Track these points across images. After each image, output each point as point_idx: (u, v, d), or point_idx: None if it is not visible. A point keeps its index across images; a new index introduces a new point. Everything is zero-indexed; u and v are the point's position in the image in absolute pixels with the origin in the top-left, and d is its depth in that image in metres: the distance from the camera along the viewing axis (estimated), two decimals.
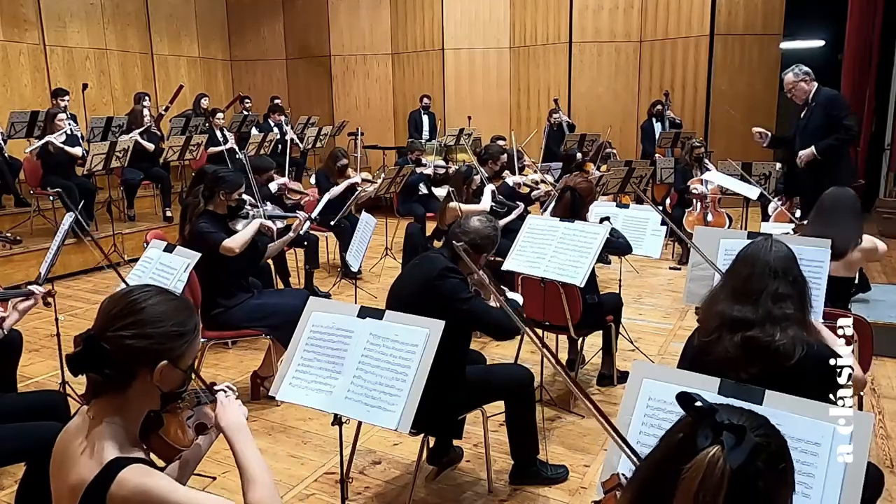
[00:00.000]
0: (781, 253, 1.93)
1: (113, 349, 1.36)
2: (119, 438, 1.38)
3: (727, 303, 1.89)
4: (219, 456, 3.14)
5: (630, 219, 4.26)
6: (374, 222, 4.92)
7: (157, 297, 1.43)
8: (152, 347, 1.38)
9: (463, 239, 2.67)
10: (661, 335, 4.80)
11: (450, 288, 2.56)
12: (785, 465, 0.98)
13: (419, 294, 2.55)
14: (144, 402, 1.45)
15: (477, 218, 2.76)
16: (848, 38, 8.04)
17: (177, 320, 1.42)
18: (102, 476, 1.31)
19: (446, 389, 2.49)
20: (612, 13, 10.50)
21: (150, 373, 1.39)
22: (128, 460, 1.34)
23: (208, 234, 3.58)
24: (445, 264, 2.62)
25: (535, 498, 2.87)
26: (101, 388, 1.41)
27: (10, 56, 8.93)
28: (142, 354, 1.38)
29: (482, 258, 2.75)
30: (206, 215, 3.66)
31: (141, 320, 1.38)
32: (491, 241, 2.74)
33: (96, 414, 1.40)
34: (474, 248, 2.69)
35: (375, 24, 11.99)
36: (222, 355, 4.49)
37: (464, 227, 2.72)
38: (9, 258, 5.99)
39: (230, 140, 8.55)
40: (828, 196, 3.29)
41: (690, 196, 6.61)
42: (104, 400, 1.41)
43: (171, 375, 1.43)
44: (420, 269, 2.70)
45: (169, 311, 1.42)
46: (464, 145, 9.25)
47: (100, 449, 1.35)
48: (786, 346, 1.79)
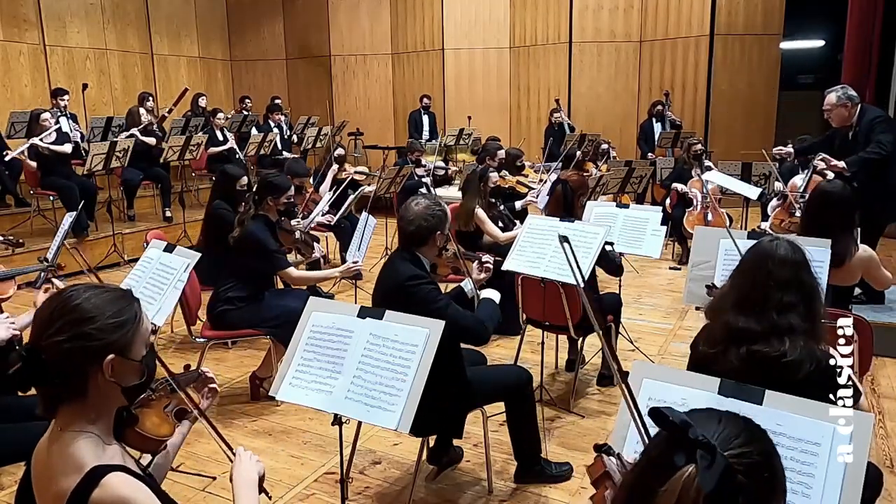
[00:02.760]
0: (788, 258, 1.86)
1: (52, 357, 1.30)
2: (93, 445, 1.34)
3: (732, 313, 1.85)
4: (219, 456, 3.14)
5: (630, 219, 4.26)
6: (374, 223, 4.92)
7: (88, 293, 1.37)
8: (91, 345, 1.31)
9: (410, 228, 2.64)
10: (661, 335, 4.80)
11: (419, 297, 2.51)
12: (769, 473, 0.93)
13: (387, 302, 2.50)
14: (108, 401, 1.39)
15: (415, 202, 2.69)
16: (848, 38, 8.04)
17: (112, 311, 1.35)
18: (85, 483, 1.29)
19: (447, 390, 2.49)
20: (612, 13, 10.50)
21: (100, 370, 1.33)
22: (109, 468, 1.32)
23: (272, 253, 3.67)
24: (408, 273, 2.57)
25: (535, 498, 2.87)
26: (56, 398, 1.36)
27: (10, 56, 8.93)
28: (84, 354, 1.31)
29: (439, 237, 2.68)
30: (259, 220, 3.70)
31: (74, 320, 1.32)
32: (438, 219, 2.66)
33: (63, 425, 1.35)
34: (425, 231, 2.64)
35: (375, 24, 11.99)
36: (222, 355, 4.49)
37: (406, 217, 2.66)
38: (9, 258, 5.99)
39: (230, 140, 8.55)
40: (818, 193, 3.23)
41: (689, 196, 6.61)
42: (67, 409, 1.36)
43: (125, 368, 1.36)
44: (384, 277, 2.68)
45: (102, 304, 1.35)
46: (464, 145, 9.26)
47: (77, 459, 1.32)
48: (794, 361, 1.74)
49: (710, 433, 0.91)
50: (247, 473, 1.57)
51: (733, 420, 0.96)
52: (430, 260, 2.72)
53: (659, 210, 4.35)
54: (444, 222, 2.69)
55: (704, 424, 0.93)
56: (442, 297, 2.59)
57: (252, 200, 3.77)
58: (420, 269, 2.63)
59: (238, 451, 1.63)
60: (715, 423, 0.94)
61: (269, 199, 3.74)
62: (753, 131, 9.81)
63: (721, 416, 0.96)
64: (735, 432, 0.93)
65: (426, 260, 2.69)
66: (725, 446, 0.90)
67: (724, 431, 0.93)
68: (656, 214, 4.25)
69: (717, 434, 0.92)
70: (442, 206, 2.72)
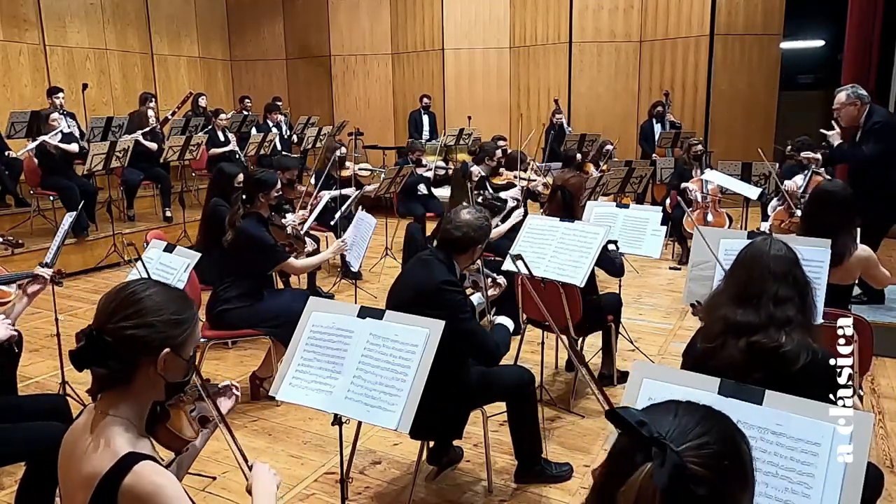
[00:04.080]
0: (781, 254, 1.91)
1: (115, 341, 1.38)
2: (128, 432, 1.40)
3: (729, 307, 1.88)
4: (219, 456, 3.14)
5: (630, 219, 4.26)
6: (374, 222, 4.92)
7: (154, 289, 1.46)
8: (154, 336, 1.40)
9: (456, 233, 2.64)
10: (661, 335, 4.80)
11: (451, 304, 2.52)
12: (730, 460, 0.91)
13: (417, 302, 2.49)
14: (150, 393, 1.47)
15: (466, 210, 2.71)
16: (848, 38, 8.03)
17: (175, 309, 1.45)
18: (117, 468, 1.33)
19: (449, 390, 2.49)
20: (612, 13, 10.50)
21: (153, 362, 1.41)
22: (141, 456, 1.36)
23: (270, 249, 3.69)
24: (444, 277, 2.57)
25: (535, 498, 2.87)
26: (106, 382, 1.43)
27: (10, 56, 8.94)
28: (144, 343, 1.40)
29: (477, 250, 2.71)
30: (252, 217, 3.71)
31: (140, 310, 1.41)
32: (484, 233, 2.69)
33: (103, 409, 1.42)
34: (469, 241, 2.65)
35: (375, 24, 11.99)
36: (222, 355, 4.49)
37: (455, 222, 2.66)
38: (9, 258, 5.98)
39: (232, 141, 8.55)
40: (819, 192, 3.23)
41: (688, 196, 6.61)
42: (110, 394, 1.43)
43: (175, 364, 1.45)
44: (417, 274, 2.66)
45: (166, 301, 1.45)
46: (464, 145, 9.26)
47: (112, 443, 1.37)
48: (790, 352, 1.77)
49: (666, 428, 0.91)
50: (266, 487, 1.59)
51: (690, 411, 0.95)
52: (461, 269, 2.73)
53: (659, 210, 4.35)
54: (487, 237, 2.73)
55: (661, 419, 0.93)
56: (470, 310, 2.60)
57: (241, 199, 3.77)
58: (454, 275, 2.64)
59: (255, 463, 1.65)
60: (671, 417, 0.94)
61: (259, 196, 3.75)
62: (753, 131, 9.82)
63: (678, 409, 0.96)
64: (691, 423, 0.93)
65: (458, 269, 2.70)
66: (682, 439, 0.90)
67: (680, 424, 0.92)
68: (656, 214, 4.25)
69: (673, 428, 0.92)
70: (489, 221, 2.75)
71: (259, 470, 1.63)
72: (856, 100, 4.62)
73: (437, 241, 2.77)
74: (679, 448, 0.89)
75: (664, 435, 0.89)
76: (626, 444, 0.92)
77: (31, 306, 2.91)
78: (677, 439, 0.90)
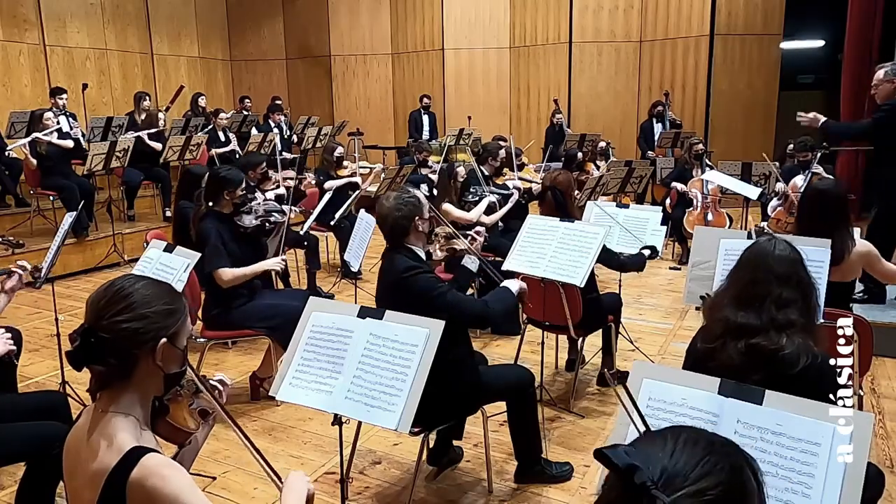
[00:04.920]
0: (785, 255, 1.89)
1: (112, 336, 1.39)
2: (133, 428, 1.41)
3: (731, 309, 1.87)
4: (219, 456, 3.14)
5: (630, 219, 4.26)
6: (374, 222, 4.92)
7: (141, 282, 1.48)
8: (149, 327, 1.42)
9: (387, 224, 2.64)
10: (661, 335, 4.80)
11: (422, 284, 2.53)
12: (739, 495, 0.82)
13: (394, 299, 2.50)
14: (149, 387, 1.48)
15: (384, 198, 2.69)
16: (848, 38, 8.04)
17: (166, 299, 1.47)
18: (124, 462, 1.34)
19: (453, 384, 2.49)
20: (612, 13, 10.50)
21: (151, 354, 1.42)
22: (147, 449, 1.37)
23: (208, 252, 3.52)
24: (404, 265, 2.58)
25: (535, 498, 2.87)
26: (105, 379, 1.44)
27: (10, 56, 8.94)
28: (141, 335, 1.41)
29: (420, 222, 2.66)
30: (210, 217, 3.66)
31: (132, 304, 1.42)
32: (411, 205, 2.64)
33: (104, 407, 1.43)
34: (402, 221, 2.62)
35: (375, 24, 11.99)
36: (222, 355, 4.49)
37: (380, 215, 2.66)
38: (9, 258, 5.99)
39: (233, 141, 8.55)
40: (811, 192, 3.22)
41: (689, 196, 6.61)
42: (110, 391, 1.44)
43: (172, 354, 1.46)
44: (385, 273, 2.69)
45: (156, 293, 1.46)
46: (464, 145, 9.26)
47: (116, 438, 1.38)
48: (790, 355, 1.77)
49: (660, 469, 0.80)
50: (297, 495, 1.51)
51: (691, 445, 0.83)
52: (422, 248, 2.72)
53: (659, 210, 4.35)
54: (419, 207, 2.67)
55: (654, 457, 0.82)
56: (442, 283, 2.60)
57: (204, 197, 3.70)
58: (416, 260, 2.63)
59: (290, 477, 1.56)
60: (668, 456, 0.82)
61: (224, 194, 3.68)
62: (753, 131, 9.82)
63: (676, 443, 0.84)
64: (691, 462, 0.81)
65: (419, 249, 2.69)
66: (679, 484, 0.79)
67: (678, 463, 0.81)
68: (656, 214, 4.26)
69: (668, 469, 0.80)
70: (412, 193, 2.70)
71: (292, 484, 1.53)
72: (893, 77, 4.67)
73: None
74: (674, 495, 0.78)
75: (658, 480, 0.79)
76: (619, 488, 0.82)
77: (31, 307, 2.90)
78: (671, 485, 0.79)
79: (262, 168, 5.48)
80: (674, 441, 0.84)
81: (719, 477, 0.80)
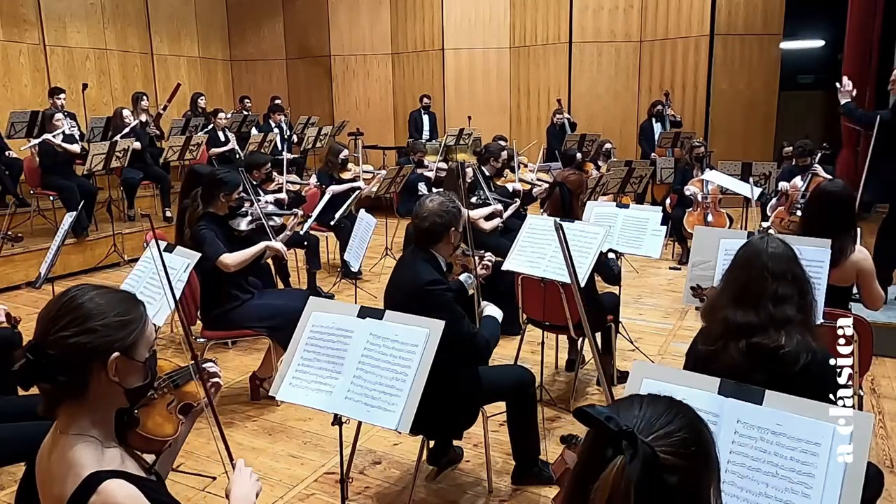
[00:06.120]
0: (779, 251, 1.90)
1: (58, 353, 1.30)
2: (91, 450, 1.34)
3: (729, 309, 1.88)
4: (218, 456, 3.14)
5: (630, 219, 4.26)
6: (374, 222, 4.92)
7: (93, 293, 1.38)
8: (98, 341, 1.32)
9: (424, 224, 2.61)
10: (661, 335, 4.80)
11: (439, 306, 2.47)
12: (696, 446, 0.94)
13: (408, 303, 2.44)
14: (109, 402, 1.39)
15: (429, 199, 2.66)
16: (848, 38, 8.04)
17: (119, 310, 1.37)
18: (82, 490, 1.29)
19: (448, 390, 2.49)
20: (612, 13, 10.50)
21: (103, 369, 1.33)
22: (108, 473, 1.31)
23: (206, 244, 3.54)
24: (429, 276, 2.54)
25: (535, 498, 2.87)
26: (57, 397, 1.35)
27: (10, 56, 8.93)
28: (89, 350, 1.31)
29: (454, 233, 2.66)
30: (206, 218, 3.65)
31: (79, 317, 1.32)
32: (452, 216, 2.63)
33: (63, 428, 1.35)
34: (439, 228, 2.61)
35: (375, 24, 11.99)
36: (222, 355, 4.49)
37: (420, 215, 2.62)
38: (9, 258, 5.99)
39: (232, 140, 8.54)
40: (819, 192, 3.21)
41: None
42: (67, 410, 1.36)
43: (129, 368, 1.36)
44: (404, 275, 2.65)
45: (108, 304, 1.36)
46: (464, 145, 9.26)
47: (75, 464, 1.31)
48: (790, 353, 1.77)
49: (633, 421, 0.93)
50: (244, 490, 1.54)
51: (654, 402, 0.98)
52: (445, 258, 2.70)
53: (659, 210, 4.35)
54: (459, 218, 2.67)
55: (627, 413, 0.95)
56: (460, 309, 2.56)
57: (199, 198, 3.68)
58: (439, 272, 2.61)
59: (239, 464, 1.59)
60: (637, 409, 0.96)
61: (220, 196, 3.67)
62: (753, 131, 9.82)
63: (643, 401, 0.98)
64: (656, 414, 0.95)
65: (442, 259, 2.68)
66: (649, 430, 0.92)
67: (646, 415, 0.95)
68: (656, 214, 4.25)
69: (639, 420, 0.94)
70: (456, 203, 2.69)
71: (240, 475, 1.56)
72: None
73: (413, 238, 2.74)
74: (648, 438, 0.91)
75: (632, 427, 0.91)
76: (595, 441, 0.94)
77: (31, 307, 2.91)
78: (645, 430, 0.92)
79: (266, 168, 5.49)
80: (639, 400, 0.99)
81: (682, 423, 0.95)
